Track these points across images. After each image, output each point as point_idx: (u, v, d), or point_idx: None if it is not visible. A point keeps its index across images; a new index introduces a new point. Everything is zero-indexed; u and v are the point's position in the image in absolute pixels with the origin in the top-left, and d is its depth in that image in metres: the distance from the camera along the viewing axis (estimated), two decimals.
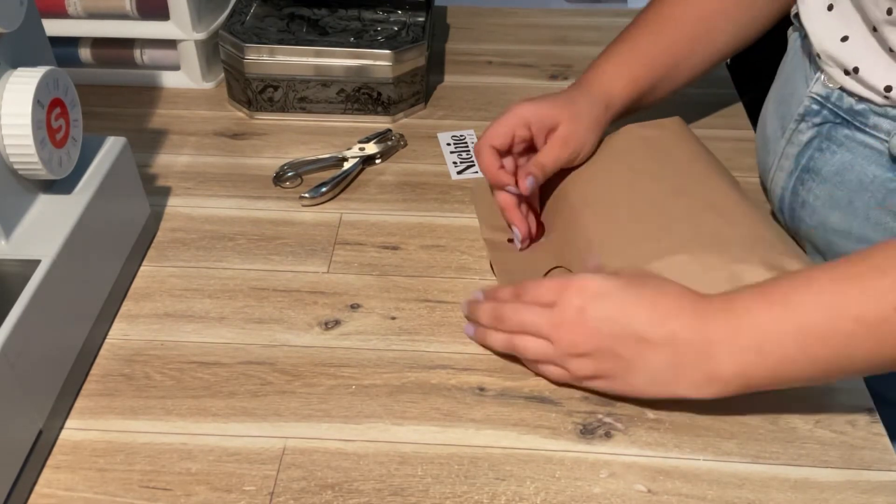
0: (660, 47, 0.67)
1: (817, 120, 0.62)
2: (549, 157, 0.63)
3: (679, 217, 0.58)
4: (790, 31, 0.68)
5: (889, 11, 0.53)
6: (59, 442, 0.51)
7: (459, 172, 0.74)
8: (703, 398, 0.49)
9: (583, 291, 0.50)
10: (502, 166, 0.63)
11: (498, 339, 0.54)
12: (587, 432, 0.52)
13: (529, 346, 0.53)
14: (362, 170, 0.74)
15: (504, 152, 0.64)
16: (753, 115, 0.79)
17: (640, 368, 0.49)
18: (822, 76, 0.61)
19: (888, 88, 0.55)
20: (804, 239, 0.66)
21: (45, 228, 0.53)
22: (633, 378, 0.50)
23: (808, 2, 0.61)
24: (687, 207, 0.58)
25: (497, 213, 0.66)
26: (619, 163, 0.65)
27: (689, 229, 0.57)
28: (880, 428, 0.52)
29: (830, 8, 0.59)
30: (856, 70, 0.57)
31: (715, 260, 0.53)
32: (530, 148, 0.65)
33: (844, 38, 0.58)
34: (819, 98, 0.61)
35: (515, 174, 0.64)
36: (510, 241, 0.65)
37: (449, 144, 0.77)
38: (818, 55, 0.60)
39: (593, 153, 0.65)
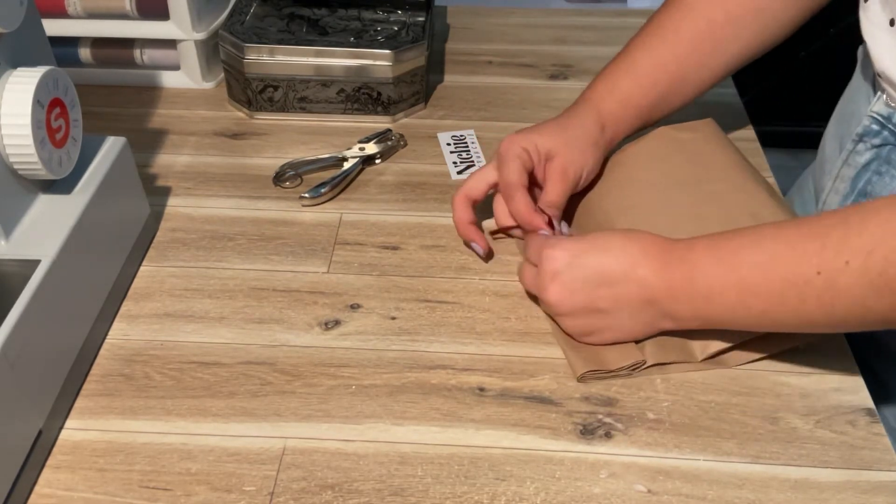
0: (658, 62, 0.65)
1: (877, 141, 0.60)
2: (555, 193, 0.62)
3: (717, 227, 0.58)
4: (860, 49, 0.65)
5: None
6: (58, 442, 0.51)
7: (459, 172, 0.74)
8: (680, 329, 0.54)
9: (556, 256, 0.54)
10: (473, 221, 0.63)
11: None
12: (587, 432, 0.52)
13: (538, 299, 0.57)
14: (362, 170, 0.74)
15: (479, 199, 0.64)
16: (753, 115, 0.79)
17: (624, 316, 0.53)
18: (884, 95, 0.59)
19: None
20: None
21: (45, 228, 0.53)
22: (621, 326, 0.54)
23: (870, 17, 0.58)
24: (726, 217, 0.58)
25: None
26: (652, 168, 0.65)
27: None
28: (880, 428, 0.52)
29: (892, 23, 0.55)
30: None
31: None
32: (533, 181, 0.64)
33: None
34: (880, 118, 0.59)
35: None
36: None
37: (449, 144, 0.77)
38: (879, 74, 0.58)
39: (600, 170, 0.65)
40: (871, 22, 0.58)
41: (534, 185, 0.64)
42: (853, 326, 0.48)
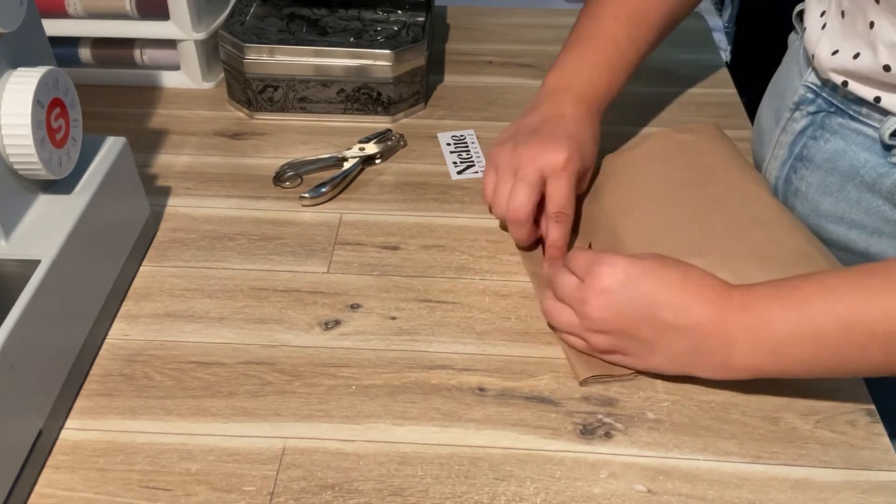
0: (603, 35, 0.67)
1: (812, 108, 0.63)
2: (560, 194, 0.62)
3: (722, 231, 0.58)
4: (791, 36, 0.69)
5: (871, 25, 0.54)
6: (58, 442, 0.51)
7: (459, 172, 0.74)
8: (716, 379, 0.52)
9: (610, 273, 0.51)
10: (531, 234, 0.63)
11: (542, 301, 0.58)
12: (587, 432, 0.52)
13: (557, 313, 0.55)
14: (362, 170, 0.74)
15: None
16: (753, 115, 0.79)
17: (660, 350, 0.51)
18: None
19: (877, 99, 0.57)
20: None
21: (45, 228, 0.53)
22: (651, 358, 0.52)
23: (810, 7, 0.62)
24: (728, 220, 0.59)
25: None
26: (654, 170, 0.65)
27: (732, 244, 0.57)
28: (880, 428, 0.52)
29: (823, 27, 0.61)
30: (844, 84, 0.59)
31: (757, 278, 0.53)
32: None
33: (835, 52, 0.59)
34: (814, 87, 0.63)
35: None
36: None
37: (449, 144, 0.77)
38: (812, 56, 0.62)
39: (603, 174, 0.66)
40: (811, 12, 0.63)
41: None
42: None
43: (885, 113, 0.57)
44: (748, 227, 0.59)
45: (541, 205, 0.62)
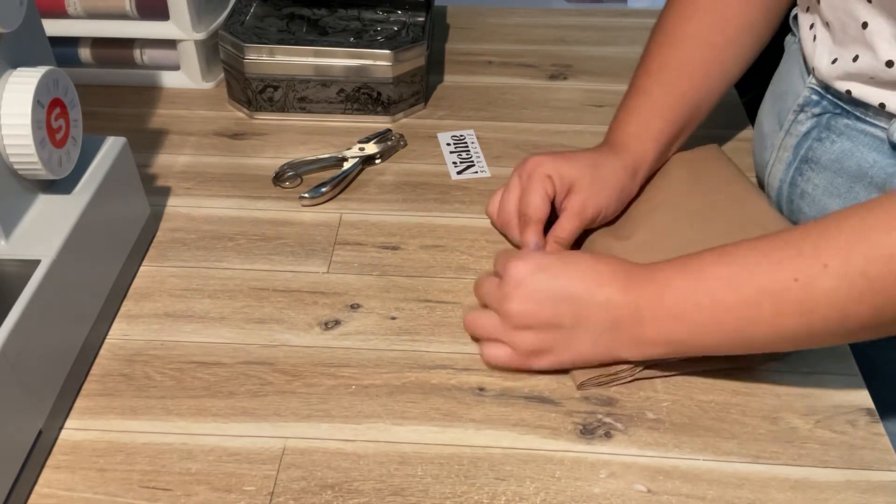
0: (678, 96, 0.65)
1: (817, 110, 0.62)
2: (567, 230, 0.61)
3: (722, 235, 0.57)
4: (788, 38, 0.69)
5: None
6: (59, 442, 0.51)
7: (459, 172, 0.74)
8: (640, 359, 0.53)
9: (524, 265, 0.53)
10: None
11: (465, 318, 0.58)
12: (587, 432, 0.52)
13: (478, 319, 0.55)
14: (362, 170, 0.74)
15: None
16: (753, 115, 0.79)
17: (581, 336, 0.52)
18: None
19: (882, 105, 0.56)
20: None
21: (45, 228, 0.53)
22: (576, 344, 0.52)
23: (801, 18, 0.63)
24: (728, 225, 0.59)
25: None
26: (655, 180, 0.66)
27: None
28: (880, 428, 0.52)
29: (815, 39, 0.61)
30: (849, 92, 0.58)
31: None
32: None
33: (834, 61, 0.59)
34: (818, 89, 0.62)
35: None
36: None
37: (449, 144, 0.77)
38: (813, 69, 0.61)
39: (618, 214, 0.65)
40: (803, 22, 0.63)
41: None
42: (830, 337, 0.48)
43: (892, 116, 0.56)
44: (749, 230, 0.58)
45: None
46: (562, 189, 0.61)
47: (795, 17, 0.65)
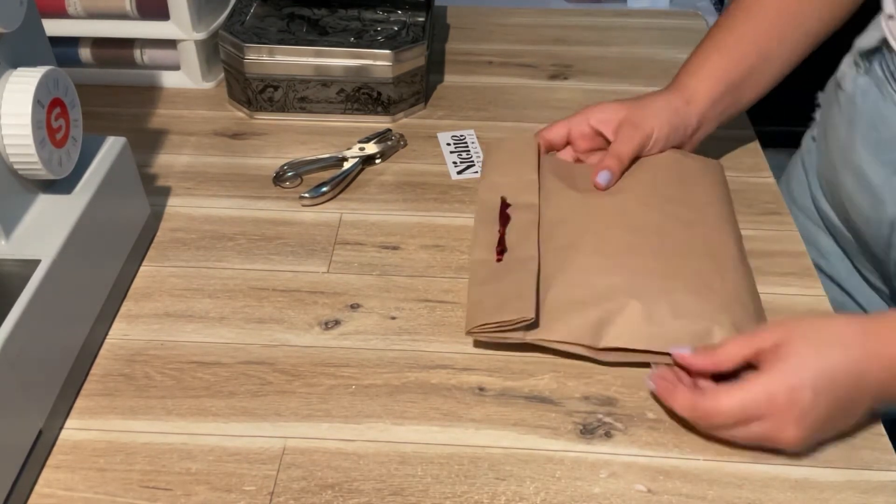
0: (746, 40, 0.66)
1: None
2: (623, 144, 0.64)
3: (677, 247, 0.59)
4: (826, 92, 0.67)
5: None
6: (59, 442, 0.51)
7: (459, 172, 0.74)
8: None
9: (794, 403, 0.47)
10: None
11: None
12: (587, 432, 0.52)
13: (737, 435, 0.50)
14: (362, 170, 0.74)
15: (561, 146, 0.68)
16: (753, 115, 0.79)
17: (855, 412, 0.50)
18: None
19: None
20: None
21: (45, 228, 0.53)
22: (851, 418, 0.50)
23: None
24: (687, 243, 0.59)
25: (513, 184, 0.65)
26: (641, 178, 0.65)
27: (681, 263, 0.58)
28: (880, 428, 0.52)
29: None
30: None
31: (694, 307, 0.55)
32: (598, 149, 0.66)
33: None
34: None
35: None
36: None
37: (449, 144, 0.77)
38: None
39: (667, 145, 0.65)
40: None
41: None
42: None
43: None
44: (701, 256, 0.59)
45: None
46: (606, 123, 0.65)
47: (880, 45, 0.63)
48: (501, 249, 0.60)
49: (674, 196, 0.63)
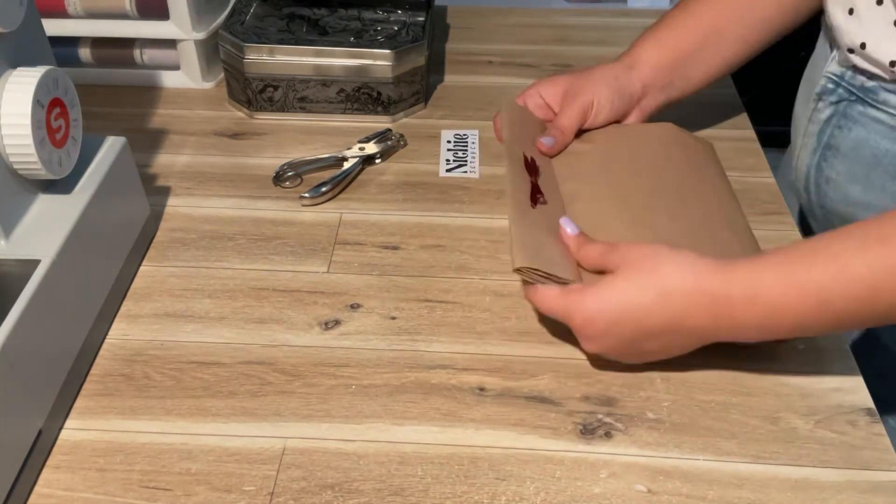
0: (697, 15, 0.67)
1: (833, 98, 0.64)
2: (564, 117, 0.66)
3: (698, 216, 0.60)
4: (823, 17, 0.67)
5: None
6: (58, 442, 0.51)
7: (448, 171, 0.73)
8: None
9: (591, 325, 0.51)
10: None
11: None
12: (587, 432, 0.52)
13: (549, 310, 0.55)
14: (362, 170, 0.74)
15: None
16: (753, 115, 0.79)
17: (674, 348, 0.52)
18: (837, 55, 0.62)
19: (893, 63, 0.57)
20: (831, 213, 0.67)
21: (45, 228, 0.53)
22: (668, 352, 0.53)
23: None
24: (705, 212, 0.60)
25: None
26: (653, 149, 0.66)
27: (703, 229, 0.59)
28: (880, 428, 0.52)
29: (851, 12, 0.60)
30: (863, 46, 0.58)
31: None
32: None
33: (851, 11, 0.59)
34: (834, 77, 0.63)
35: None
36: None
37: (449, 142, 0.77)
38: (830, 28, 0.62)
39: (613, 111, 0.66)
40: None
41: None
42: None
43: None
44: (720, 223, 0.60)
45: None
46: (554, 95, 0.67)
47: None
48: (536, 195, 0.60)
49: (685, 169, 0.65)
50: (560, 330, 0.56)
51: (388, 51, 0.76)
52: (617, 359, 0.54)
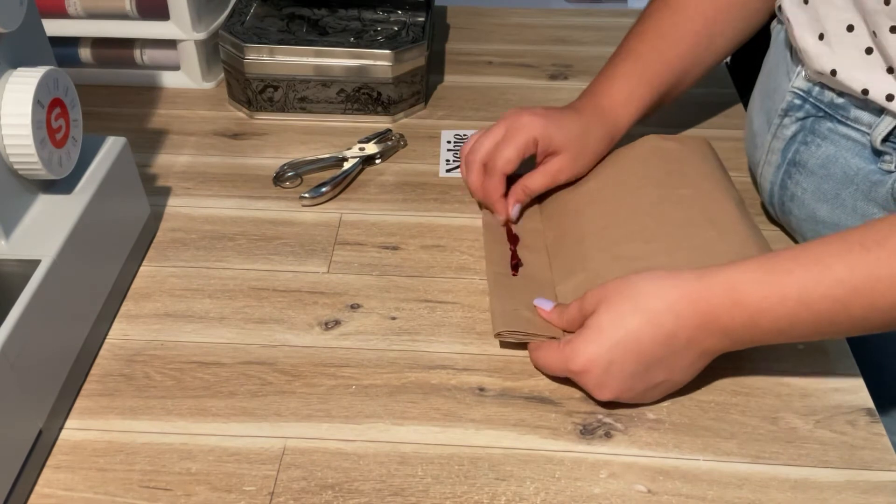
0: (665, 64, 0.67)
1: (800, 114, 0.62)
2: (539, 184, 0.65)
3: (676, 225, 0.59)
4: (773, 23, 0.68)
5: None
6: (59, 442, 0.51)
7: (448, 171, 0.73)
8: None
9: (590, 371, 0.50)
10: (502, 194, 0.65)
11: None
12: (587, 432, 0.52)
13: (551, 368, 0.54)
14: (362, 170, 0.74)
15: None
16: None
17: (681, 372, 0.52)
18: (804, 71, 0.61)
19: (865, 91, 0.55)
20: (795, 231, 0.66)
21: (45, 228, 0.53)
22: (679, 378, 0.52)
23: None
24: (685, 217, 0.60)
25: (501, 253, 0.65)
26: (630, 170, 0.66)
27: (683, 237, 0.58)
28: (880, 428, 0.52)
29: (806, 1, 0.58)
30: (833, 73, 0.57)
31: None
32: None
33: (821, 36, 0.57)
34: (801, 93, 0.61)
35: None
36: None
37: (449, 142, 0.77)
38: (799, 50, 0.60)
39: (577, 169, 0.66)
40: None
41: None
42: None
43: (874, 110, 0.56)
44: (702, 225, 0.59)
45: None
46: (544, 152, 0.64)
47: (780, 6, 0.64)
48: (516, 264, 0.61)
49: (663, 179, 0.64)
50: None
51: (388, 51, 0.76)
52: (635, 400, 0.52)
